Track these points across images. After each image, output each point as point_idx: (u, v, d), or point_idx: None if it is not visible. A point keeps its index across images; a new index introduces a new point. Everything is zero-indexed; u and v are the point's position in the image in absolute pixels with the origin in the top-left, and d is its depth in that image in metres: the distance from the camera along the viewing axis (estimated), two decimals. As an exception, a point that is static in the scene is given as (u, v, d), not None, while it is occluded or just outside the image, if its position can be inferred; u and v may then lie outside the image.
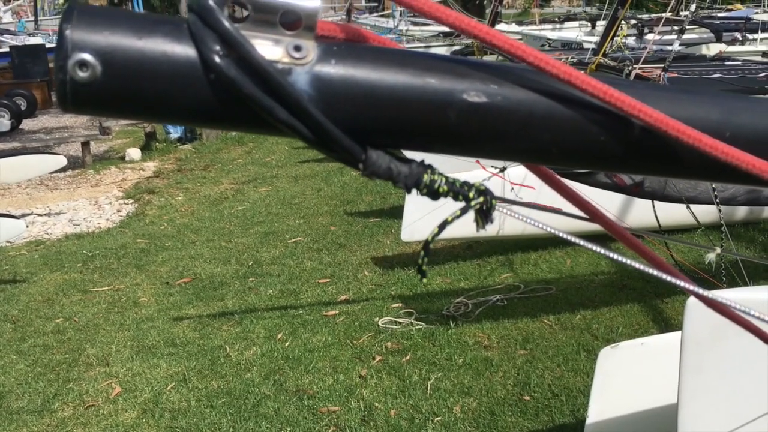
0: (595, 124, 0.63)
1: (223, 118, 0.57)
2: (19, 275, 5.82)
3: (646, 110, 0.60)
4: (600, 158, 0.65)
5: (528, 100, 0.62)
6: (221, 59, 0.54)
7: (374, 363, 4.09)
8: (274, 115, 0.55)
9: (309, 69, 0.57)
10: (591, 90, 0.59)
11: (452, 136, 0.62)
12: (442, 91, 0.60)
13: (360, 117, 0.59)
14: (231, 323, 4.69)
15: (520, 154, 0.65)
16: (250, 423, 3.58)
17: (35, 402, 3.90)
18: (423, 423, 3.53)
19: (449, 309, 4.68)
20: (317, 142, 0.58)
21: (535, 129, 0.62)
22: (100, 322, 4.86)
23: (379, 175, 0.61)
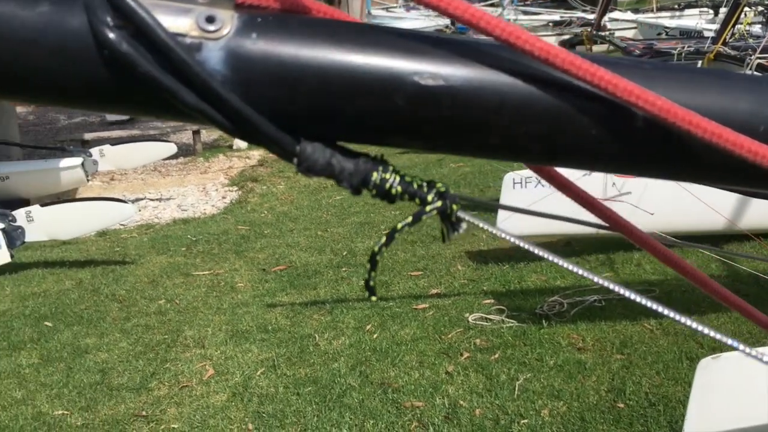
0: (585, 114, 0.51)
1: (123, 101, 0.49)
2: (128, 257, 6.11)
3: (647, 97, 0.48)
4: (594, 157, 0.53)
5: (498, 83, 0.50)
6: (113, 32, 0.46)
7: (462, 359, 4.01)
8: (179, 98, 0.47)
9: (224, 44, 0.48)
10: (575, 71, 0.48)
11: (403, 127, 0.51)
12: (387, 73, 0.49)
13: (289, 103, 0.49)
14: (322, 312, 4.73)
15: (492, 150, 0.53)
16: (333, 413, 3.59)
17: (134, 380, 4.07)
18: (508, 425, 3.42)
19: (543, 307, 4.52)
20: (236, 131, 0.49)
21: (507, 120, 0.51)
22: (199, 305, 5.02)
23: (316, 172, 0.52)
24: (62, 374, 4.17)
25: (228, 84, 0.48)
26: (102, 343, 4.52)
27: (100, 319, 4.88)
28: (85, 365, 4.26)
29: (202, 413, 3.68)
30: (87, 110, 0.52)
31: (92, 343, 4.53)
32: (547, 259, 0.57)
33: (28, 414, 3.75)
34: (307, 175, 0.52)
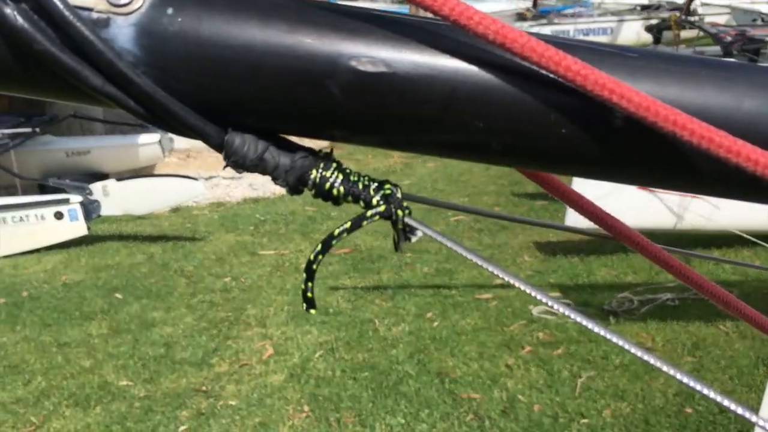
0: (552, 109, 0.43)
1: (26, 82, 0.44)
2: (198, 233, 6.23)
3: (623, 92, 0.40)
4: (564, 159, 0.45)
5: (449, 70, 0.43)
6: (6, 4, 0.41)
7: (523, 353, 3.91)
8: (82, 80, 0.42)
9: (136, 20, 0.42)
10: (537, 59, 0.40)
11: (342, 120, 0.45)
12: (320, 56, 0.42)
13: (212, 88, 0.43)
14: (383, 297, 4.70)
15: (446, 148, 0.46)
16: (389, 400, 3.56)
17: (197, 355, 4.14)
18: (568, 423, 3.31)
19: (611, 304, 4.36)
20: (151, 118, 0.44)
21: (461, 114, 0.43)
22: (263, 284, 5.07)
23: (246, 167, 0.45)
24: (129, 346, 4.28)
25: (141, 65, 0.43)
26: (168, 317, 4.62)
27: (168, 294, 4.99)
28: (151, 338, 4.36)
29: (260, 392, 3.71)
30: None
31: (159, 317, 4.63)
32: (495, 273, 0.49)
33: (94, 383, 3.87)
34: (237, 170, 0.46)
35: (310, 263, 0.50)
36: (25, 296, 5.07)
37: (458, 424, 3.34)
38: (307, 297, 0.51)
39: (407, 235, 0.50)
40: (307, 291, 0.51)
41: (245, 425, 3.41)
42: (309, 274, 0.50)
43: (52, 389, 3.80)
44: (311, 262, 0.50)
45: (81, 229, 5.88)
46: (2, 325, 4.61)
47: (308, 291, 0.51)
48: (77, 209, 5.85)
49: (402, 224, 0.49)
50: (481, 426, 3.31)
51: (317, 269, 0.50)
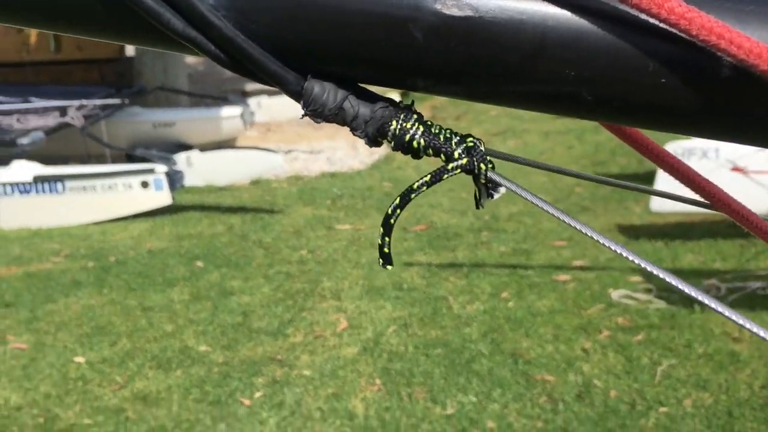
0: (651, 57, 0.39)
1: (111, 27, 0.43)
2: (276, 206, 6.34)
3: (734, 38, 0.36)
4: (663, 112, 0.42)
5: (539, 15, 0.40)
6: None
7: (600, 337, 3.81)
8: (163, 23, 0.41)
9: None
10: (637, 2, 0.37)
11: (426, 68, 0.42)
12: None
13: (294, 34, 0.42)
14: (458, 275, 4.67)
15: (535, 100, 0.43)
16: (461, 378, 3.54)
17: (273, 325, 4.23)
18: (645, 411, 3.22)
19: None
20: (230, 64, 0.43)
21: (551, 62, 0.40)
22: (339, 258, 5.12)
23: (324, 117, 0.44)
24: (208, 312, 4.40)
25: (221, 8, 0.42)
26: (246, 287, 4.73)
27: (246, 264, 5.10)
28: (229, 306, 4.47)
29: (333, 364, 3.76)
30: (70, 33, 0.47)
31: (237, 286, 4.75)
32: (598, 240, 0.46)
33: (175, 347, 4.01)
34: (315, 120, 0.45)
35: (387, 217, 0.47)
36: (112, 261, 5.28)
37: (531, 405, 3.29)
38: (384, 252, 0.48)
39: (489, 191, 0.47)
40: (384, 246, 0.48)
41: (318, 395, 3.47)
42: (386, 229, 0.48)
43: (136, 351, 3.96)
44: (389, 216, 0.47)
45: (166, 198, 6.08)
46: (91, 287, 4.83)
47: (385, 246, 0.48)
48: (162, 179, 6.04)
49: (485, 179, 0.46)
50: (555, 409, 3.25)
51: (394, 224, 0.47)
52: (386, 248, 0.48)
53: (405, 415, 3.27)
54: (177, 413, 3.36)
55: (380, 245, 0.48)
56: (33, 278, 5.03)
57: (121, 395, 3.53)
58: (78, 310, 4.50)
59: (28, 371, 3.78)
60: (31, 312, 4.48)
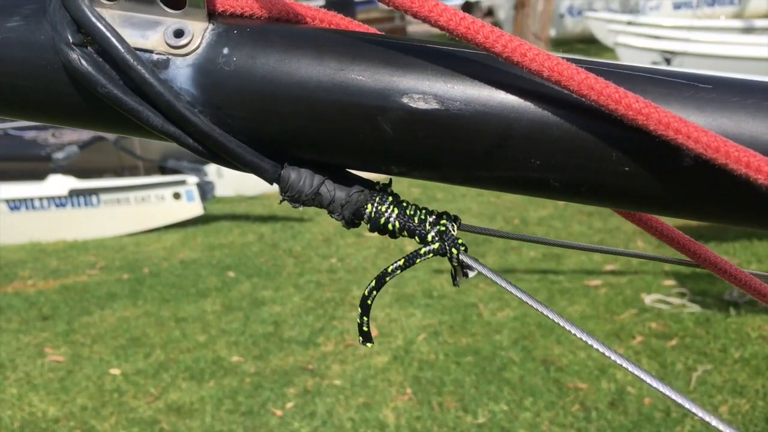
0: (614, 146, 0.40)
1: (93, 120, 0.46)
2: (306, 214, 6.38)
3: (691, 133, 0.37)
4: (628, 197, 0.43)
5: (503, 107, 0.41)
6: (72, 50, 0.42)
7: (634, 343, 3.77)
8: (143, 120, 0.43)
9: (193, 61, 0.43)
10: (595, 98, 0.38)
11: (394, 155, 0.43)
12: (371, 92, 0.42)
13: (267, 125, 0.43)
14: (488, 281, 4.65)
15: (501, 183, 0.44)
16: (492, 386, 3.52)
17: (304, 334, 4.25)
18: (680, 418, 3.17)
19: (732, 294, 4.12)
20: (209, 155, 0.44)
21: (517, 151, 0.42)
22: (368, 265, 5.13)
23: (302, 202, 0.45)
24: (240, 323, 4.45)
25: (198, 104, 0.44)
26: (277, 296, 4.77)
27: (277, 273, 5.14)
28: (261, 316, 4.51)
29: (364, 373, 3.77)
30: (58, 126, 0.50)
31: (268, 296, 4.78)
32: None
33: (208, 358, 4.05)
34: (293, 205, 0.46)
35: (365, 298, 0.49)
36: (146, 272, 5.36)
37: (563, 414, 3.26)
38: (363, 331, 0.50)
39: (464, 271, 0.48)
40: (363, 325, 0.50)
41: (349, 405, 3.48)
42: (364, 309, 0.49)
43: (169, 362, 4.01)
44: (365, 297, 0.49)
45: (197, 209, 6.15)
46: (126, 299, 4.90)
47: (363, 325, 0.50)
48: (194, 190, 6.12)
49: (457, 261, 0.48)
50: (588, 417, 3.22)
51: (371, 305, 0.49)
52: (365, 327, 0.49)
53: (436, 425, 3.27)
54: (210, 424, 3.40)
55: (359, 324, 0.49)
56: (69, 291, 5.13)
57: (155, 407, 3.58)
58: (113, 322, 4.57)
59: (65, 384, 3.86)
60: (68, 324, 4.57)
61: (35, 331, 4.52)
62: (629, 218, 0.56)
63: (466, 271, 0.48)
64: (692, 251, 0.55)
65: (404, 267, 0.47)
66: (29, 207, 6.32)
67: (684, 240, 0.55)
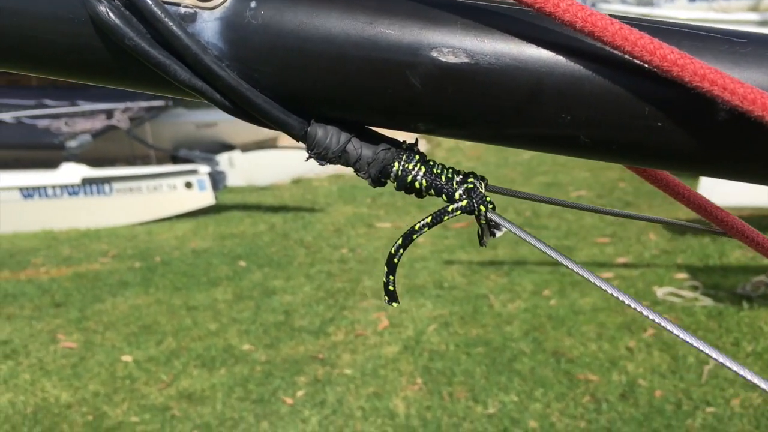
0: (647, 101, 0.39)
1: (118, 74, 0.45)
2: (317, 205, 6.39)
3: (727, 84, 0.36)
4: (660, 153, 0.42)
5: (535, 60, 0.40)
6: (100, 2, 0.42)
7: (645, 336, 3.75)
8: (170, 74, 0.43)
9: (220, 14, 0.43)
10: (630, 49, 0.37)
11: (425, 112, 0.43)
12: (400, 46, 0.41)
13: (295, 80, 0.43)
14: (499, 273, 4.64)
15: (530, 141, 0.44)
16: (502, 377, 3.52)
17: (314, 323, 4.26)
18: (692, 411, 3.16)
19: (745, 288, 4.09)
20: (235, 111, 0.44)
21: (547, 106, 0.41)
22: (379, 256, 5.13)
23: (328, 159, 0.45)
24: (251, 312, 4.46)
25: (225, 58, 0.43)
26: (288, 286, 4.78)
27: (288, 263, 5.15)
28: (272, 305, 4.52)
29: (374, 362, 3.77)
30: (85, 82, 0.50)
31: (279, 285, 4.80)
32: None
33: (219, 346, 4.07)
34: (319, 162, 0.46)
35: (391, 257, 0.49)
36: (157, 261, 5.39)
37: (574, 405, 3.26)
38: (389, 290, 0.50)
39: (491, 230, 0.47)
40: (389, 284, 0.50)
41: (359, 394, 3.48)
42: (390, 268, 0.49)
43: (181, 350, 4.03)
44: (392, 255, 0.49)
45: (209, 198, 6.17)
46: (138, 287, 4.93)
47: (390, 284, 0.50)
48: (205, 179, 6.14)
49: (485, 219, 0.47)
50: (598, 409, 3.22)
51: (398, 263, 0.48)
52: (391, 286, 0.49)
53: (446, 415, 3.27)
54: (221, 411, 3.41)
55: (385, 283, 0.49)
56: (82, 278, 5.16)
57: (166, 393, 3.60)
58: (125, 309, 4.60)
59: (77, 370, 3.88)
60: (81, 312, 4.60)
61: (48, 317, 4.55)
62: (656, 184, 0.55)
63: (493, 230, 0.48)
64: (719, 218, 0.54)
65: (431, 224, 0.47)
66: (42, 195, 6.36)
67: (711, 206, 0.55)
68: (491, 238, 0.48)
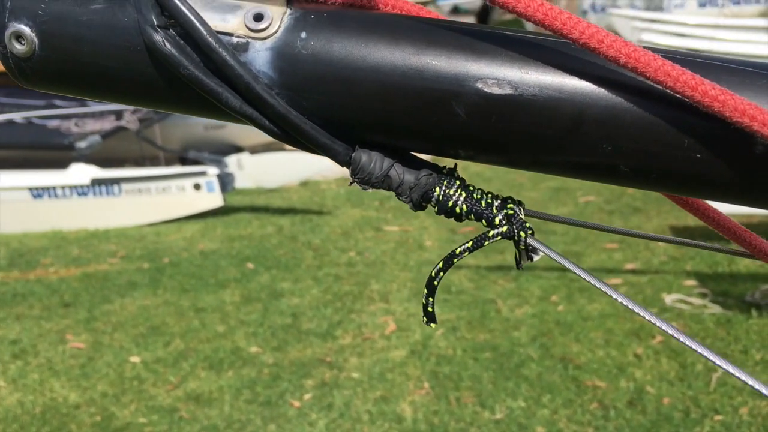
0: (686, 133, 0.41)
1: (173, 101, 0.47)
2: (325, 207, 6.39)
3: (766, 119, 0.38)
4: (699, 184, 0.43)
5: (576, 92, 0.41)
6: (157, 32, 0.43)
7: (653, 343, 3.74)
8: (222, 102, 0.44)
9: (272, 44, 0.44)
10: (671, 84, 0.38)
11: (468, 140, 0.44)
12: (447, 77, 0.42)
13: (341, 108, 0.44)
14: (507, 278, 4.64)
15: (572, 170, 0.45)
16: (510, 382, 3.52)
17: (322, 327, 4.27)
18: (700, 419, 3.15)
19: (754, 295, 4.08)
20: (284, 137, 0.45)
21: (588, 137, 0.42)
22: (387, 260, 5.14)
23: (372, 184, 0.46)
24: (259, 314, 4.47)
25: (275, 86, 0.45)
26: (296, 288, 4.79)
27: (296, 266, 5.16)
28: (280, 308, 4.53)
29: (382, 366, 3.77)
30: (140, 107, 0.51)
31: (287, 288, 4.81)
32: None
33: (227, 348, 4.08)
34: (363, 187, 0.46)
35: (431, 279, 0.50)
36: (166, 262, 5.40)
37: (581, 411, 3.25)
38: (428, 311, 0.51)
39: (529, 254, 0.49)
40: (428, 306, 0.51)
41: (367, 398, 3.49)
42: (430, 290, 0.50)
43: (189, 351, 4.05)
44: (432, 278, 0.50)
45: (217, 200, 6.19)
46: (146, 288, 4.95)
47: (428, 306, 0.51)
48: (214, 181, 6.15)
49: (524, 244, 0.48)
50: (606, 415, 3.21)
51: (437, 285, 0.50)
52: (430, 308, 0.50)
53: (453, 420, 3.27)
54: (229, 414, 3.42)
55: (424, 305, 0.50)
56: (91, 279, 5.18)
57: (174, 395, 3.61)
58: (133, 310, 4.62)
59: (85, 370, 3.90)
60: (89, 312, 4.61)
61: (57, 317, 4.58)
62: (685, 207, 0.56)
63: (531, 254, 0.49)
64: (748, 242, 0.55)
65: (472, 249, 0.48)
66: (52, 195, 6.39)
67: (739, 230, 0.55)
68: (528, 262, 0.49)
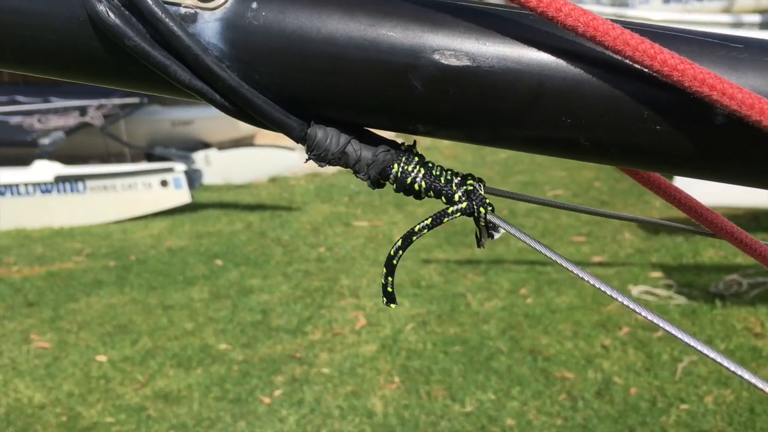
0: (645, 104, 0.40)
1: (118, 75, 0.45)
2: (295, 203, 6.36)
3: (726, 89, 0.37)
4: (659, 157, 0.43)
5: (536, 63, 0.41)
6: (100, 2, 0.42)
7: (620, 334, 3.79)
8: (170, 75, 0.42)
9: (221, 15, 0.42)
10: (630, 53, 0.38)
11: (426, 114, 0.43)
12: (403, 49, 0.41)
13: (295, 82, 0.43)
14: (476, 272, 4.66)
15: (532, 144, 0.44)
16: (479, 375, 3.54)
17: (292, 323, 4.25)
18: (666, 408, 3.20)
19: (718, 286, 4.15)
20: (236, 112, 0.44)
21: (547, 109, 0.41)
22: (356, 255, 5.13)
23: (328, 161, 0.45)
24: (228, 311, 4.43)
25: (226, 59, 0.43)
26: (265, 285, 4.76)
27: (265, 262, 5.13)
28: (249, 304, 4.50)
29: (352, 361, 3.77)
30: (83, 82, 0.49)
31: (256, 284, 4.77)
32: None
33: (195, 345, 4.04)
34: (319, 164, 0.46)
35: (390, 258, 0.49)
36: (133, 260, 5.33)
37: (550, 403, 3.28)
38: (387, 291, 0.50)
39: (490, 232, 0.48)
40: (387, 285, 0.50)
41: (337, 393, 3.48)
42: (389, 269, 0.49)
43: (157, 349, 4.00)
44: (392, 257, 0.49)
45: (185, 196, 6.12)
46: (113, 286, 4.88)
47: (388, 285, 0.50)
48: (181, 178, 6.09)
49: (484, 221, 0.47)
50: (574, 406, 3.24)
51: (397, 264, 0.48)
52: (389, 287, 0.49)
53: (424, 413, 3.28)
54: (198, 411, 3.39)
55: (383, 285, 0.49)
56: (55, 277, 5.09)
57: (142, 393, 3.56)
58: (100, 309, 4.55)
59: (51, 370, 3.83)
60: (54, 311, 4.54)
61: (21, 317, 4.49)
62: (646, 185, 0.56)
63: (491, 232, 0.48)
64: (708, 220, 0.55)
65: (431, 226, 0.47)
66: (15, 193, 6.27)
67: (700, 208, 0.55)
68: (489, 240, 0.49)
